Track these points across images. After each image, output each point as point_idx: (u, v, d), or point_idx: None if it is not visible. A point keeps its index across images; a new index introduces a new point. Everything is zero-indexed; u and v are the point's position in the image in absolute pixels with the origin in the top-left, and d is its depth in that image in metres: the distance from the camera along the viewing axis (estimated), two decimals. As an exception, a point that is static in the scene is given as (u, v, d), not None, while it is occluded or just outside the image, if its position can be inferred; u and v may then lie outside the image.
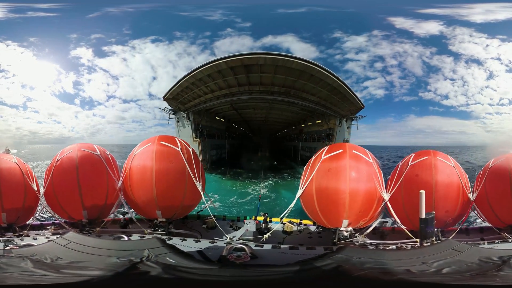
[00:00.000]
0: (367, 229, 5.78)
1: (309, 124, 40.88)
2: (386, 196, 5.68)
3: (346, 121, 33.85)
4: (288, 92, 28.95)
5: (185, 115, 32.33)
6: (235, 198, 20.10)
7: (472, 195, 5.95)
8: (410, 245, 5.41)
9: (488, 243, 5.50)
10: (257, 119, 46.83)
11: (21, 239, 5.44)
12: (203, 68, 25.81)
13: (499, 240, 5.62)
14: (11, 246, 4.85)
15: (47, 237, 5.54)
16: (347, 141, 33.78)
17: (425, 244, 4.78)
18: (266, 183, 26.45)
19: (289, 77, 26.51)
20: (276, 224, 6.73)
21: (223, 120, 43.45)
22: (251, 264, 4.48)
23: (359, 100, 29.80)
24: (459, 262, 3.61)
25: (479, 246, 4.93)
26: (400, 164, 6.17)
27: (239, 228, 6.85)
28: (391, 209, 5.63)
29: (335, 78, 26.12)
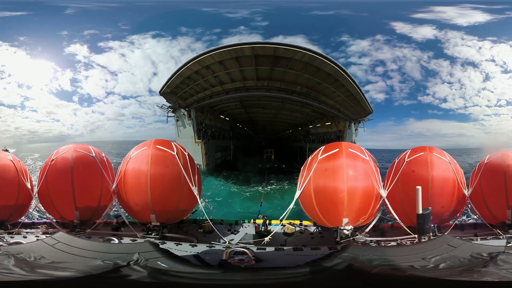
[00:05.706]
0: (368, 226, 5.78)
1: (317, 125, 40.11)
2: (384, 193, 5.69)
3: (354, 124, 33.57)
4: (308, 93, 27.13)
5: (185, 112, 28.62)
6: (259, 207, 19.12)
7: (467, 191, 5.97)
8: (409, 241, 5.46)
9: (481, 239, 5.57)
10: (264, 119, 45.54)
11: (11, 237, 5.43)
12: (216, 52, 21.25)
13: (491, 236, 5.66)
14: (0, 243, 4.86)
15: (36, 236, 5.53)
16: (355, 143, 33.49)
17: (423, 240, 4.81)
18: (278, 186, 25.36)
19: (315, 78, 24.57)
20: (276, 226, 6.54)
21: (228, 119, 40.92)
22: (258, 267, 4.35)
23: (369, 106, 29.49)
24: (453, 257, 3.66)
25: (472, 242, 4.97)
26: (396, 161, 6.16)
27: (238, 232, 6.68)
28: (389, 205, 5.67)
29: (355, 85, 25.43)
